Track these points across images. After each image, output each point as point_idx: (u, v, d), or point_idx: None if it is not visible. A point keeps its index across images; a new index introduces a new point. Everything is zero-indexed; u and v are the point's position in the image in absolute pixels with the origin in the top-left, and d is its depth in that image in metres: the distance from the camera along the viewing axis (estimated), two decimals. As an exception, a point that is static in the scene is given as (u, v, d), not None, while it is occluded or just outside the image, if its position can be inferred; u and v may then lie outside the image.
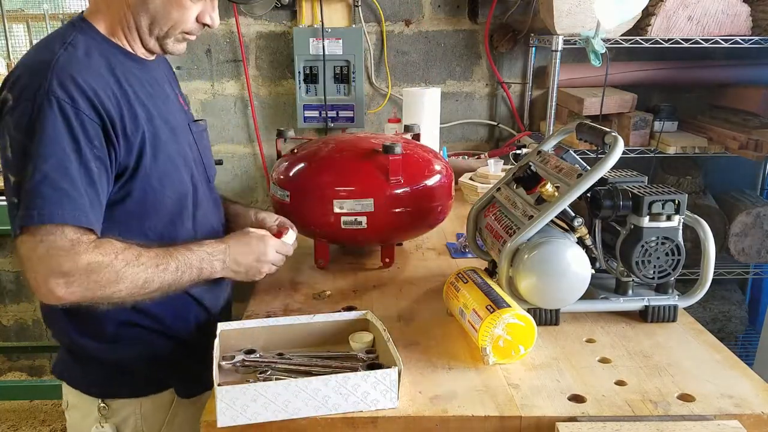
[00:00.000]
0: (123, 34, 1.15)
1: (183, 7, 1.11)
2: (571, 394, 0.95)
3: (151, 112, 1.14)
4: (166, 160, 1.16)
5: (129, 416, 1.21)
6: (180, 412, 1.25)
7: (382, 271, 1.46)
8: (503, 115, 2.62)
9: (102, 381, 1.21)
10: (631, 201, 1.13)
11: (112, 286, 1.02)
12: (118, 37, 1.15)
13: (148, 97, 1.15)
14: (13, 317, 2.93)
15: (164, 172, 1.15)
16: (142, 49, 1.17)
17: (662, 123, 2.24)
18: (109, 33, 1.14)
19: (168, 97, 1.24)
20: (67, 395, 1.25)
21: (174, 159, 1.18)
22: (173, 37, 1.15)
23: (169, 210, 1.17)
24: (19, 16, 2.75)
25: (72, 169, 1.01)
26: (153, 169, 1.13)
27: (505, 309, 1.01)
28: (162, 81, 1.24)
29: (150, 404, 1.22)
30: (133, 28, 1.14)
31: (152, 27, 1.13)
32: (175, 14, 1.12)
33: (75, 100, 1.02)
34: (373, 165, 1.36)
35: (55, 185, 0.99)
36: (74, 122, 1.02)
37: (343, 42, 2.41)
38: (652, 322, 1.19)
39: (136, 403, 1.21)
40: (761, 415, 0.90)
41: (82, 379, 1.22)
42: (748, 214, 2.33)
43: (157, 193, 1.14)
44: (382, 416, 0.89)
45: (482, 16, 2.46)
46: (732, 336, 2.59)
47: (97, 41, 1.12)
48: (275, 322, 1.07)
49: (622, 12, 1.90)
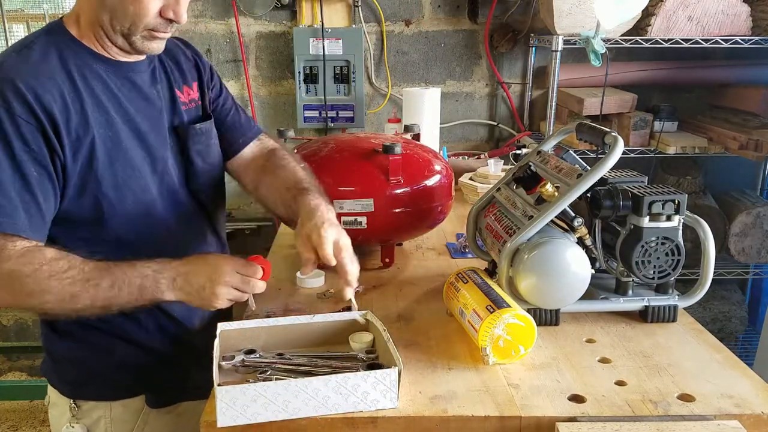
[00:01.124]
0: (93, 35, 1.11)
1: (139, 1, 1.05)
2: (571, 394, 0.95)
3: (111, 116, 1.10)
4: (126, 166, 1.11)
5: (99, 419, 1.20)
6: (150, 420, 1.23)
7: (382, 271, 1.46)
8: (503, 115, 2.62)
9: (73, 381, 1.21)
10: (631, 201, 1.13)
11: (36, 296, 1.00)
12: (88, 39, 1.12)
13: (111, 100, 1.11)
14: (13, 317, 2.93)
15: (122, 180, 1.10)
16: (115, 49, 1.13)
17: (662, 123, 2.24)
18: (80, 35, 1.12)
19: (146, 99, 1.17)
20: (49, 392, 1.26)
21: (137, 165, 1.13)
22: (139, 34, 1.09)
23: (130, 219, 1.12)
24: (18, 16, 2.75)
25: (2, 174, 0.98)
26: (107, 176, 1.08)
27: (505, 309, 1.01)
28: (143, 83, 1.18)
29: (120, 409, 1.21)
30: (98, 28, 1.10)
31: (113, 23, 1.08)
32: (131, 8, 1.05)
33: (9, 104, 0.99)
34: (373, 165, 1.36)
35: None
36: (7, 126, 0.99)
37: (343, 42, 2.41)
38: (652, 322, 1.19)
39: (106, 406, 1.20)
40: (761, 415, 0.90)
41: (57, 377, 1.23)
42: (748, 214, 2.33)
43: (113, 201, 1.10)
44: (382, 416, 0.89)
45: (482, 16, 2.46)
46: (732, 336, 2.59)
47: (64, 43, 1.09)
48: (275, 322, 1.07)
49: (622, 12, 1.90)
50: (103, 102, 1.10)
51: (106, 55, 1.13)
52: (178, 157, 1.22)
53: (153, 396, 1.23)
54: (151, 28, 1.09)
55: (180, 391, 1.24)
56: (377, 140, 1.44)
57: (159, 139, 1.18)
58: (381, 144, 1.35)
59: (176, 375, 1.23)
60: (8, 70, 1.02)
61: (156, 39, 1.11)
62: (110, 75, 1.13)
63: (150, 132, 1.16)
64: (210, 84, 1.33)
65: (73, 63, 1.09)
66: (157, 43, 1.12)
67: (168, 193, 1.19)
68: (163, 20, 1.09)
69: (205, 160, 1.28)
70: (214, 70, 1.37)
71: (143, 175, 1.14)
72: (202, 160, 1.27)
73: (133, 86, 1.16)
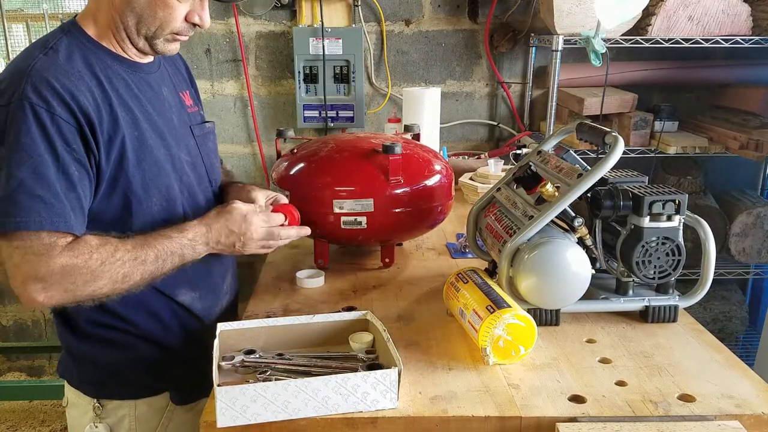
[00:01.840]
0: (112, 36, 1.14)
1: (169, 6, 1.10)
2: (572, 395, 0.95)
3: (136, 116, 1.13)
4: (152, 165, 1.14)
5: (123, 417, 1.22)
6: (175, 417, 1.25)
7: (382, 271, 1.46)
8: (503, 115, 2.62)
9: (96, 381, 1.22)
10: (631, 201, 1.13)
11: (90, 285, 1.02)
12: (107, 40, 1.14)
13: (134, 100, 1.14)
14: (13, 317, 2.93)
15: (149, 178, 1.13)
16: (133, 50, 1.16)
17: (662, 123, 2.24)
18: (98, 36, 1.13)
19: (164, 100, 1.22)
20: (67, 393, 1.26)
21: (162, 164, 1.16)
22: (162, 38, 1.14)
23: (155, 217, 1.15)
24: (18, 16, 2.75)
25: (49, 174, 1.00)
26: (136, 175, 1.11)
27: (505, 309, 1.01)
28: (158, 84, 1.22)
29: (145, 407, 1.22)
30: (121, 29, 1.12)
31: (139, 27, 1.11)
32: (161, 13, 1.10)
33: (50, 104, 1.00)
34: (373, 165, 1.36)
35: (31, 192, 0.98)
36: (50, 127, 1.00)
37: (343, 42, 2.41)
38: (652, 322, 1.19)
39: (131, 404, 1.21)
40: (762, 415, 0.90)
41: (78, 378, 1.23)
42: (749, 214, 2.33)
43: (141, 200, 1.12)
44: (382, 417, 0.89)
45: (482, 16, 2.46)
46: (732, 336, 2.58)
47: (84, 44, 1.11)
48: (275, 323, 1.07)
49: (622, 12, 1.89)
50: (128, 102, 1.13)
51: (124, 55, 1.16)
52: (191, 156, 1.25)
53: (176, 393, 1.25)
54: (176, 32, 1.14)
55: (201, 388, 1.25)
56: (377, 140, 1.44)
57: (175, 139, 1.21)
58: (381, 144, 1.35)
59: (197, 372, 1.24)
60: (42, 71, 1.03)
61: (176, 42, 1.17)
62: (130, 76, 1.16)
63: (168, 131, 1.19)
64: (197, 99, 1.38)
65: (96, 65, 1.11)
66: (176, 45, 1.18)
67: (187, 192, 1.22)
68: (188, 24, 1.14)
69: (213, 160, 1.34)
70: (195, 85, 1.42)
71: (167, 173, 1.17)
72: (211, 160, 1.33)
73: (150, 87, 1.19)
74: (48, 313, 2.91)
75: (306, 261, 1.50)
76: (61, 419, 2.73)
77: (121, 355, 1.19)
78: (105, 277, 1.03)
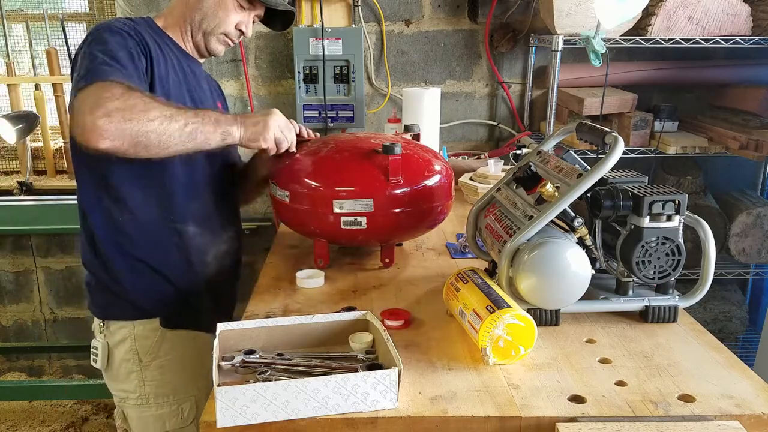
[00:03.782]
0: (178, 30, 1.44)
1: (227, 10, 1.41)
2: (572, 395, 0.95)
3: (181, 84, 1.39)
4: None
5: (126, 337, 1.42)
6: (167, 338, 1.44)
7: (382, 271, 1.46)
8: (503, 115, 2.62)
9: (102, 304, 1.44)
10: (631, 201, 1.13)
11: (143, 115, 1.16)
12: (172, 31, 1.44)
13: (182, 75, 1.41)
14: (13, 318, 2.93)
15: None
16: (190, 45, 1.46)
17: (662, 123, 2.24)
18: (165, 27, 1.43)
19: (202, 89, 1.48)
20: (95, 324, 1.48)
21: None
22: (216, 36, 1.44)
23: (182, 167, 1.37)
24: (18, 16, 2.75)
25: (123, 59, 1.25)
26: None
27: (505, 309, 1.01)
28: (201, 77, 1.49)
29: (141, 327, 1.42)
30: (187, 23, 1.43)
31: (202, 22, 1.42)
32: (221, 14, 1.41)
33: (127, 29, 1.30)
34: (373, 165, 1.36)
35: (109, 63, 1.22)
36: (127, 39, 1.28)
37: (343, 42, 2.41)
38: (652, 322, 1.19)
39: (130, 325, 1.41)
40: (762, 415, 0.90)
41: (91, 301, 1.47)
42: (749, 214, 2.33)
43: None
44: (382, 417, 0.89)
45: (482, 16, 2.46)
46: (732, 336, 2.59)
47: (152, 28, 1.40)
48: (275, 323, 1.07)
49: (622, 12, 1.89)
50: (178, 72, 1.40)
51: (182, 46, 1.46)
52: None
53: (164, 320, 1.43)
54: (226, 34, 1.44)
55: (191, 320, 1.46)
56: (377, 140, 1.43)
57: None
58: (381, 144, 1.35)
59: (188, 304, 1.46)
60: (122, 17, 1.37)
61: (224, 44, 1.47)
62: (182, 60, 1.44)
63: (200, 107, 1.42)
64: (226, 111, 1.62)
65: (157, 41, 1.38)
66: (223, 47, 1.48)
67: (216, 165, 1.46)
68: (236, 31, 1.45)
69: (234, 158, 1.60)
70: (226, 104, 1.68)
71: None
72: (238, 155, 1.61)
73: (194, 75, 1.47)
74: (48, 314, 2.91)
75: (306, 261, 1.50)
76: (61, 419, 2.73)
77: (126, 281, 1.39)
78: (156, 110, 1.18)
